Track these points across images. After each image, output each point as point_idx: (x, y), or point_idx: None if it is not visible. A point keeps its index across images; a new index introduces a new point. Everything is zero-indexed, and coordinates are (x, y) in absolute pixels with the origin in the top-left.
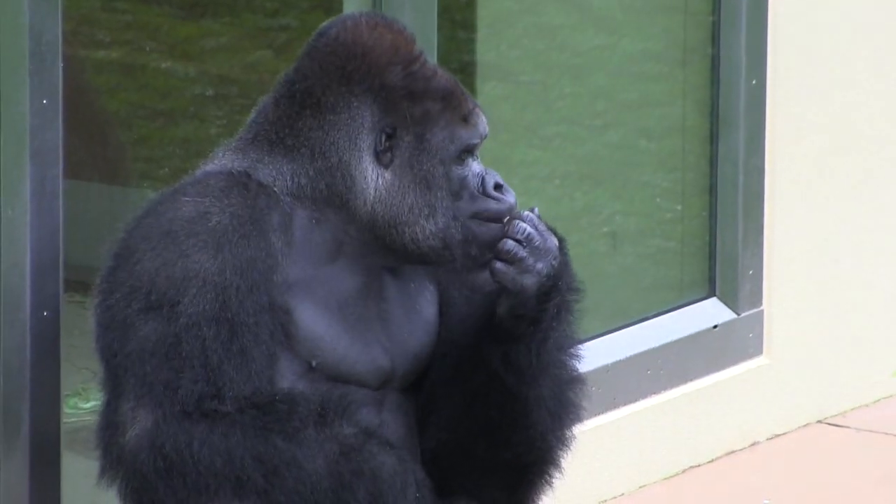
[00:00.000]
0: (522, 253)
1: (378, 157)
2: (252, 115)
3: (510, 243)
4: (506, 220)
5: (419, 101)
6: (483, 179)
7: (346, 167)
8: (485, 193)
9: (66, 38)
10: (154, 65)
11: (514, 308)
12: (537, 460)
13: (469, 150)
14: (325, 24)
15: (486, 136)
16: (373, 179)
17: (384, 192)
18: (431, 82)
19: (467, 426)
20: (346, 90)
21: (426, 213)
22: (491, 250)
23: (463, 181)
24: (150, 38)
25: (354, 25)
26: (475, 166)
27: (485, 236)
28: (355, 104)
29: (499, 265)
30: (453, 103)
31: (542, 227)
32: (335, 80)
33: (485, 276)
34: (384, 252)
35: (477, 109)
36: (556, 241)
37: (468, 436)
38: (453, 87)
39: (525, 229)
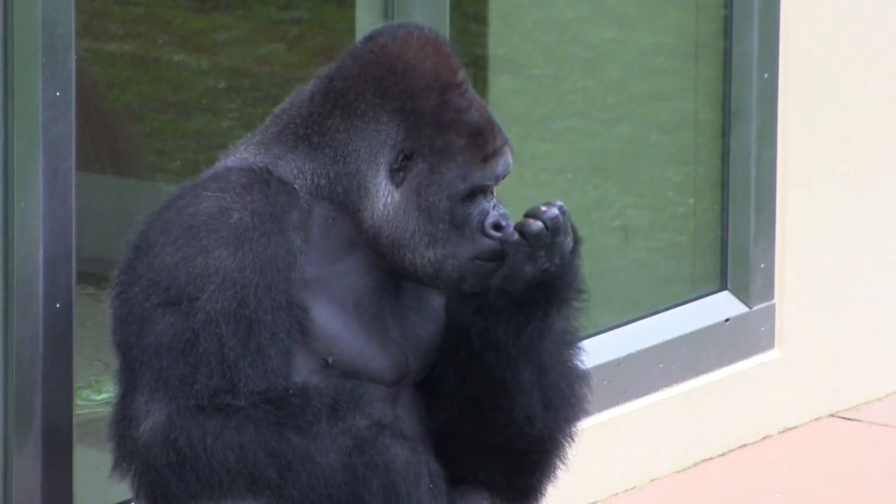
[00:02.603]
0: (543, 241)
1: (392, 175)
2: (284, 104)
3: (539, 226)
4: (541, 208)
5: (444, 133)
6: (485, 217)
7: (362, 177)
8: (483, 232)
9: (79, 31)
10: (166, 57)
11: (504, 284)
12: (533, 448)
13: (481, 191)
14: (378, 27)
15: (504, 175)
16: (383, 195)
17: (391, 210)
18: (462, 115)
19: (458, 404)
20: (378, 103)
21: (426, 241)
22: (478, 285)
23: (466, 218)
24: (163, 31)
25: (405, 39)
26: (485, 204)
27: (478, 276)
28: (384, 119)
29: (516, 239)
30: (478, 141)
31: (567, 226)
32: (370, 90)
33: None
34: (387, 264)
35: (504, 148)
36: (570, 244)
37: (459, 414)
38: (483, 125)
39: (558, 220)
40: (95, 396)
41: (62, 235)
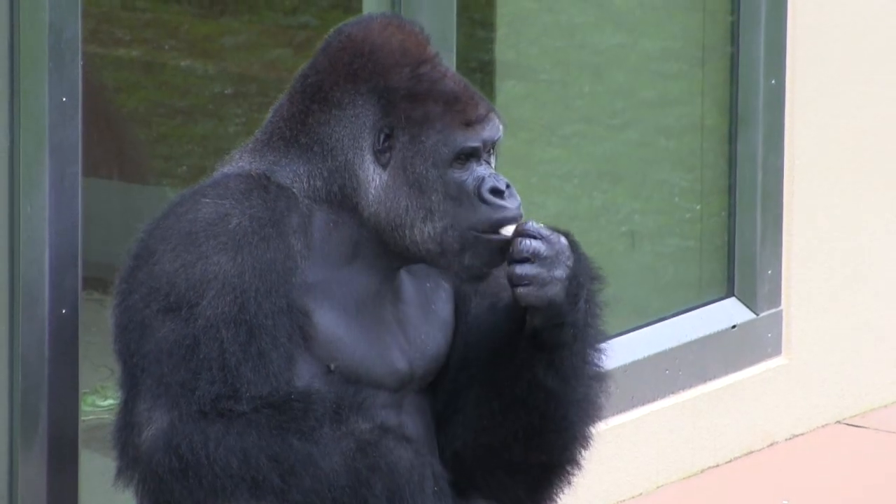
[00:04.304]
0: (534, 270)
1: (377, 157)
2: (269, 114)
3: (518, 267)
4: (512, 230)
5: (420, 103)
6: (481, 183)
7: (351, 166)
8: (480, 198)
9: (86, 36)
10: (173, 63)
11: (550, 319)
12: (566, 460)
13: (469, 154)
14: (343, 22)
15: (493, 141)
16: (373, 180)
17: (382, 192)
18: (437, 85)
19: (504, 431)
20: (352, 87)
21: (422, 215)
22: (486, 262)
23: (461, 185)
24: (170, 36)
25: (367, 24)
26: (479, 170)
27: (481, 249)
28: (360, 102)
29: (520, 290)
30: (456, 107)
31: (545, 232)
32: (342, 77)
33: (495, 283)
34: (395, 253)
35: (490, 115)
36: (564, 241)
37: (504, 440)
38: (460, 91)
39: (529, 246)
40: (101, 402)
41: (68, 240)
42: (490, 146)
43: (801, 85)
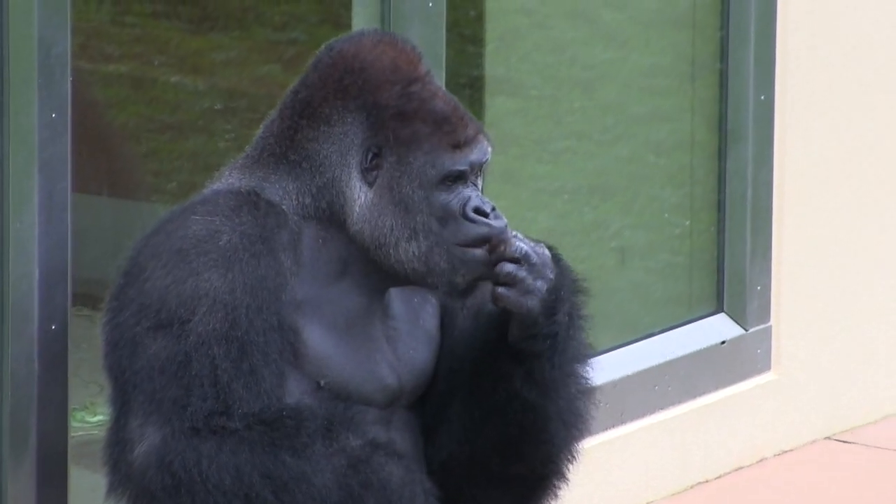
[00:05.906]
0: (522, 273)
1: (364, 175)
2: (259, 130)
3: (508, 266)
4: (492, 243)
5: (408, 123)
6: (466, 203)
7: (338, 183)
8: (464, 216)
9: (76, 52)
10: (163, 78)
11: (527, 329)
12: (550, 473)
13: (456, 177)
14: (335, 38)
15: (481, 164)
16: (359, 198)
17: (367, 211)
18: (427, 104)
19: (483, 442)
20: (341, 104)
21: (406, 235)
22: (474, 277)
23: (446, 207)
24: (159, 52)
25: (358, 40)
26: (465, 192)
27: (468, 264)
28: (349, 119)
29: (500, 290)
30: (445, 128)
31: (531, 242)
32: (332, 93)
33: (481, 296)
34: (383, 272)
35: (479, 137)
36: (548, 253)
37: (483, 451)
38: (450, 112)
39: (522, 248)
40: (90, 418)
41: (58, 256)
42: (477, 168)
43: (791, 100)
